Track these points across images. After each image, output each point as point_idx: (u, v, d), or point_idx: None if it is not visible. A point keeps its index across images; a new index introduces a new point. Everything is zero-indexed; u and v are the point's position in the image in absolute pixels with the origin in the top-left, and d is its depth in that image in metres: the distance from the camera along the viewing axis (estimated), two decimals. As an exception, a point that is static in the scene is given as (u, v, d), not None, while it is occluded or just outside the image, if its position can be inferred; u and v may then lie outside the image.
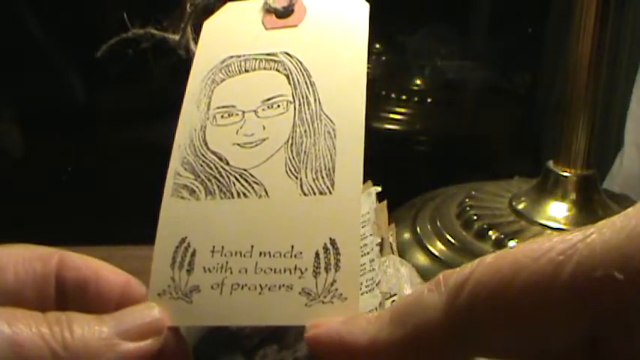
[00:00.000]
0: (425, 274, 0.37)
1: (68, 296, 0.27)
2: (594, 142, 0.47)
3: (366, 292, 0.32)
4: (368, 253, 0.34)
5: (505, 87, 0.78)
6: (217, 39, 0.32)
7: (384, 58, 0.79)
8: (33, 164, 0.68)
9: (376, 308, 0.31)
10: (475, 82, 0.76)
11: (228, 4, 0.33)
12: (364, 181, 0.39)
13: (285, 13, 0.32)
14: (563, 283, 0.19)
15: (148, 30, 0.34)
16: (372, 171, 0.36)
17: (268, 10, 0.32)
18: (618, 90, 0.62)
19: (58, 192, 0.65)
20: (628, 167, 0.60)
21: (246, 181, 0.28)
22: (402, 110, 0.75)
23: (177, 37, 0.34)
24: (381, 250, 0.34)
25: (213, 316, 0.26)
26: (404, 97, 0.75)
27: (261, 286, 0.26)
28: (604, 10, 0.44)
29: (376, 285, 0.32)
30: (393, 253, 0.35)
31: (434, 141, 0.75)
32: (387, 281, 0.33)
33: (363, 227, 0.36)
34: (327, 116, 0.29)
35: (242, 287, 0.26)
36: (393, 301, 0.32)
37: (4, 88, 0.65)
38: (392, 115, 0.74)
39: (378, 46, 0.78)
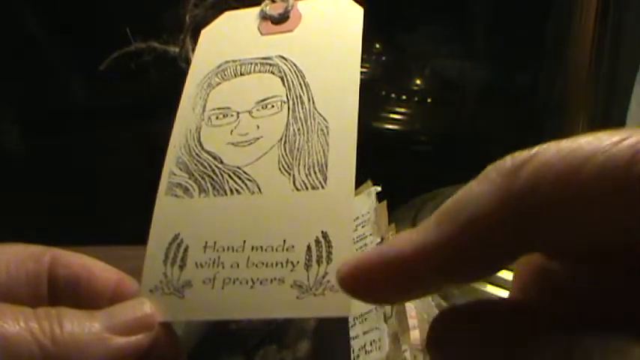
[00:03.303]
0: (424, 274, 0.36)
1: (61, 294, 0.27)
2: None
3: (366, 292, 0.32)
4: (367, 253, 0.34)
5: (505, 87, 0.78)
6: (214, 45, 0.33)
7: (384, 58, 0.78)
8: (33, 164, 0.68)
9: (376, 308, 0.31)
10: (475, 82, 0.76)
11: (226, 13, 0.33)
12: (363, 181, 0.39)
13: (280, 19, 0.32)
14: None
15: (150, 43, 0.35)
16: (373, 171, 0.36)
17: (264, 16, 0.32)
18: (618, 90, 0.62)
19: (57, 192, 0.65)
20: (628, 167, 0.60)
21: (240, 178, 0.28)
22: (402, 110, 0.75)
23: (177, 49, 0.34)
24: (380, 250, 0.34)
25: (204, 311, 0.26)
26: (404, 97, 0.75)
27: (252, 280, 0.26)
28: (604, 10, 0.44)
29: (376, 285, 0.32)
30: (392, 253, 0.35)
31: (434, 141, 0.75)
32: (387, 281, 0.33)
33: (363, 227, 0.36)
34: (320, 115, 0.29)
35: (233, 281, 0.26)
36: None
37: (4, 88, 0.65)
38: (392, 115, 0.74)
39: (377, 46, 0.78)
